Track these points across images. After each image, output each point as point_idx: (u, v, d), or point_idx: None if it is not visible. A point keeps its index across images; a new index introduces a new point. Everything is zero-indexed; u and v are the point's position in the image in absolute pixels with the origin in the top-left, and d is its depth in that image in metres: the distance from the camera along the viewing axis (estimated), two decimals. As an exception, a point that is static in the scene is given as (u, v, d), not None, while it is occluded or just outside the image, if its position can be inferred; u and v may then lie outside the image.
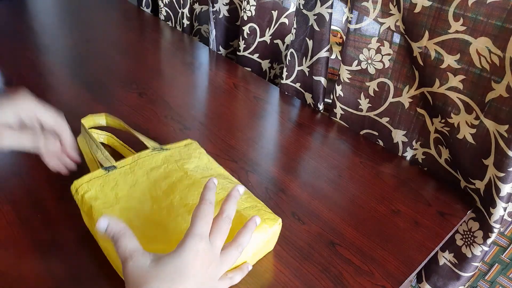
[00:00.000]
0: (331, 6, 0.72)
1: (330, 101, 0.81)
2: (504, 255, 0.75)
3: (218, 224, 0.41)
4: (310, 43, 0.78)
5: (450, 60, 0.58)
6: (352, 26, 0.69)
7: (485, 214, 0.61)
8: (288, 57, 0.84)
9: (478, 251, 0.64)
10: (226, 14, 0.99)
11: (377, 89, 0.71)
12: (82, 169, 0.54)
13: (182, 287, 0.35)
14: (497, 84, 0.55)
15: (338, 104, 0.78)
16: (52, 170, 0.51)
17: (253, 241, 0.45)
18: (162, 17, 1.18)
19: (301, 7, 0.76)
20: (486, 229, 0.62)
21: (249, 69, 0.97)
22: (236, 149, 0.69)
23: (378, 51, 0.67)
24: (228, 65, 0.97)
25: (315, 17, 0.75)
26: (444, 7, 0.56)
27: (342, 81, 0.75)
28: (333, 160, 0.69)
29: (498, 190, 0.57)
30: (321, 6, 0.73)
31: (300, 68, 0.83)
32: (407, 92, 0.67)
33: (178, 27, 1.15)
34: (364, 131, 0.76)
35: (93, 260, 0.49)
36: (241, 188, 0.46)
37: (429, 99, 0.63)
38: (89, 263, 0.48)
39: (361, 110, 0.75)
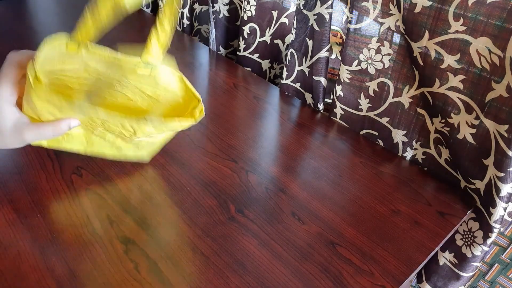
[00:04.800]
0: (331, 6, 0.72)
1: (330, 101, 0.81)
2: (504, 255, 0.75)
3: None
4: (310, 43, 0.78)
5: (450, 60, 0.58)
6: (352, 26, 0.69)
7: (485, 214, 0.61)
8: (288, 57, 0.84)
9: (478, 251, 0.64)
10: (226, 14, 0.99)
11: (377, 89, 0.71)
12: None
13: None
14: (497, 84, 0.55)
15: (338, 104, 0.78)
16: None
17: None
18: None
19: (301, 7, 0.76)
20: (486, 229, 0.62)
21: (249, 69, 0.97)
22: (236, 149, 0.69)
23: (378, 51, 0.67)
24: (228, 65, 0.97)
25: (315, 17, 0.75)
26: (444, 7, 0.56)
27: (342, 81, 0.75)
28: (333, 160, 0.69)
29: (498, 190, 0.57)
30: (321, 6, 0.73)
31: (300, 68, 0.83)
32: (407, 92, 0.67)
33: (178, 27, 1.15)
34: (364, 131, 0.76)
35: (93, 260, 0.49)
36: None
37: (429, 99, 0.63)
38: (89, 263, 0.48)
39: (361, 110, 0.75)
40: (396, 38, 0.65)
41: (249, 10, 0.88)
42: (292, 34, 0.80)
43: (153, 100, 0.55)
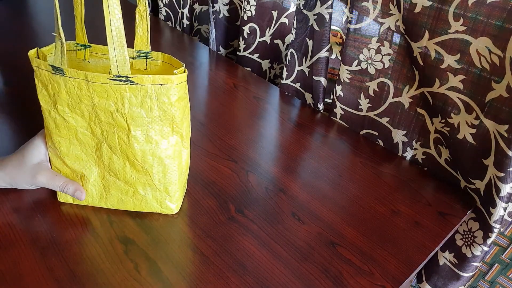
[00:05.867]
0: (331, 6, 0.72)
1: (330, 101, 0.81)
2: (504, 255, 0.75)
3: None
4: (310, 43, 0.78)
5: (450, 60, 0.58)
6: (352, 26, 0.69)
7: (485, 214, 0.61)
8: (288, 57, 0.84)
9: (478, 251, 0.64)
10: (226, 14, 0.99)
11: (377, 89, 0.71)
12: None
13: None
14: (497, 84, 0.55)
15: (338, 104, 0.78)
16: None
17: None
18: (162, 17, 1.18)
19: (301, 7, 0.76)
20: (486, 229, 0.62)
21: (249, 69, 0.97)
22: (236, 149, 0.69)
23: (378, 51, 0.67)
24: (228, 65, 0.97)
25: (315, 17, 0.75)
26: (444, 7, 0.56)
27: (342, 81, 0.75)
28: (333, 160, 0.69)
29: (498, 190, 0.57)
30: (321, 6, 0.73)
31: (300, 68, 0.83)
32: (407, 92, 0.67)
33: (178, 27, 1.15)
34: (364, 131, 0.76)
35: (93, 260, 0.49)
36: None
37: (429, 99, 0.63)
38: (89, 263, 0.48)
39: (361, 110, 0.75)
40: (396, 38, 0.65)
41: (249, 10, 0.88)
42: (292, 34, 0.80)
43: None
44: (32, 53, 0.49)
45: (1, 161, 0.52)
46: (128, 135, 0.49)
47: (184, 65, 0.49)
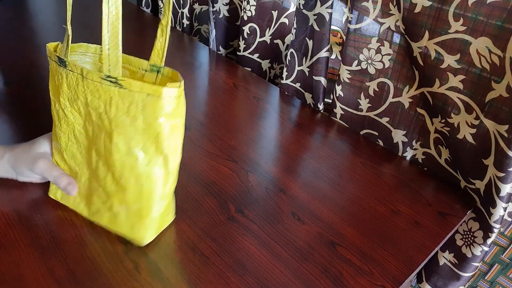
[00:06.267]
0: (331, 6, 0.72)
1: (330, 101, 0.81)
2: (504, 255, 0.75)
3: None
4: (310, 43, 0.78)
5: (450, 60, 0.58)
6: (352, 26, 0.69)
7: (485, 214, 0.61)
8: (288, 57, 0.84)
9: (478, 251, 0.64)
10: (226, 14, 0.99)
11: (377, 89, 0.71)
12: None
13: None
14: (497, 84, 0.55)
15: (338, 104, 0.78)
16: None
17: None
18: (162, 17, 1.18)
19: (301, 7, 0.76)
20: (486, 229, 0.62)
21: (249, 69, 0.97)
22: (236, 149, 0.69)
23: (378, 51, 0.67)
24: (228, 65, 0.97)
25: (315, 17, 0.75)
26: (444, 7, 0.56)
27: (342, 81, 0.75)
28: (333, 160, 0.69)
29: (498, 190, 0.57)
30: (321, 6, 0.73)
31: (300, 68, 0.83)
32: (407, 92, 0.67)
33: (178, 27, 1.15)
34: (364, 131, 0.76)
35: (93, 260, 0.49)
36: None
37: (429, 99, 0.63)
38: (89, 263, 0.48)
39: (361, 110, 0.75)
40: (396, 38, 0.65)
41: (249, 10, 0.88)
42: (292, 34, 0.80)
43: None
44: (51, 45, 0.50)
45: (12, 146, 0.55)
46: (111, 141, 0.48)
47: (182, 81, 0.46)
